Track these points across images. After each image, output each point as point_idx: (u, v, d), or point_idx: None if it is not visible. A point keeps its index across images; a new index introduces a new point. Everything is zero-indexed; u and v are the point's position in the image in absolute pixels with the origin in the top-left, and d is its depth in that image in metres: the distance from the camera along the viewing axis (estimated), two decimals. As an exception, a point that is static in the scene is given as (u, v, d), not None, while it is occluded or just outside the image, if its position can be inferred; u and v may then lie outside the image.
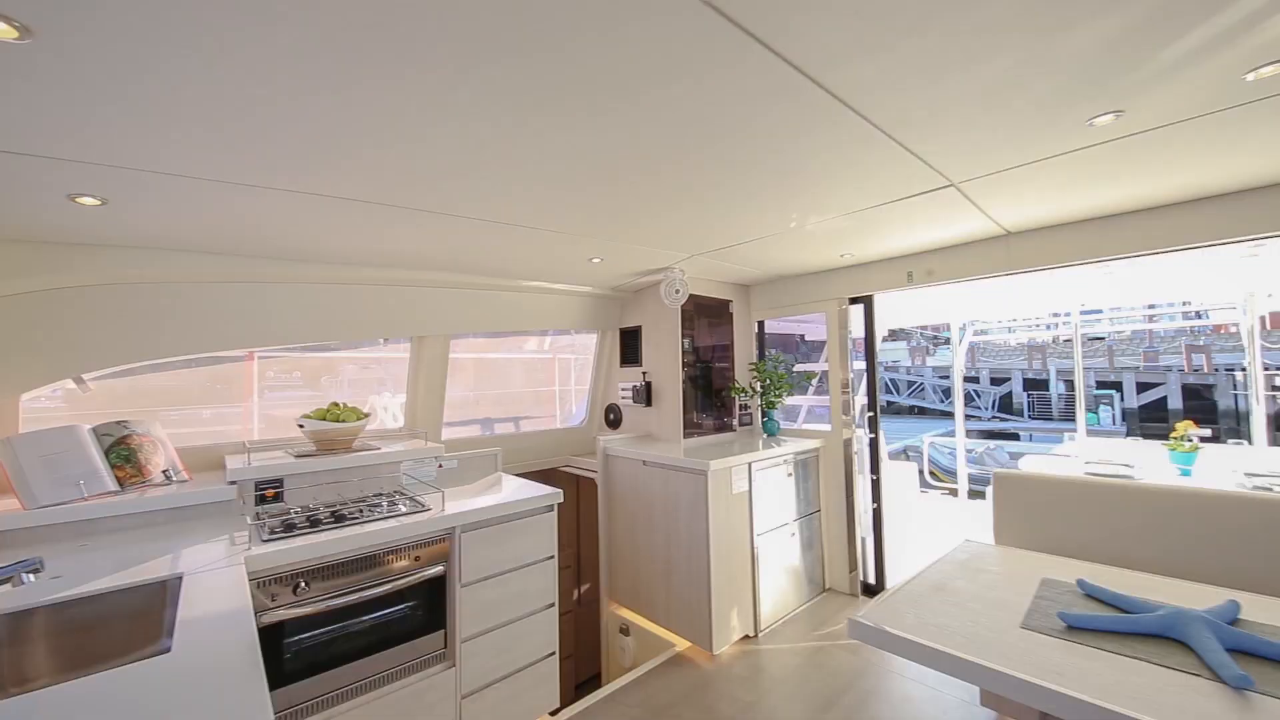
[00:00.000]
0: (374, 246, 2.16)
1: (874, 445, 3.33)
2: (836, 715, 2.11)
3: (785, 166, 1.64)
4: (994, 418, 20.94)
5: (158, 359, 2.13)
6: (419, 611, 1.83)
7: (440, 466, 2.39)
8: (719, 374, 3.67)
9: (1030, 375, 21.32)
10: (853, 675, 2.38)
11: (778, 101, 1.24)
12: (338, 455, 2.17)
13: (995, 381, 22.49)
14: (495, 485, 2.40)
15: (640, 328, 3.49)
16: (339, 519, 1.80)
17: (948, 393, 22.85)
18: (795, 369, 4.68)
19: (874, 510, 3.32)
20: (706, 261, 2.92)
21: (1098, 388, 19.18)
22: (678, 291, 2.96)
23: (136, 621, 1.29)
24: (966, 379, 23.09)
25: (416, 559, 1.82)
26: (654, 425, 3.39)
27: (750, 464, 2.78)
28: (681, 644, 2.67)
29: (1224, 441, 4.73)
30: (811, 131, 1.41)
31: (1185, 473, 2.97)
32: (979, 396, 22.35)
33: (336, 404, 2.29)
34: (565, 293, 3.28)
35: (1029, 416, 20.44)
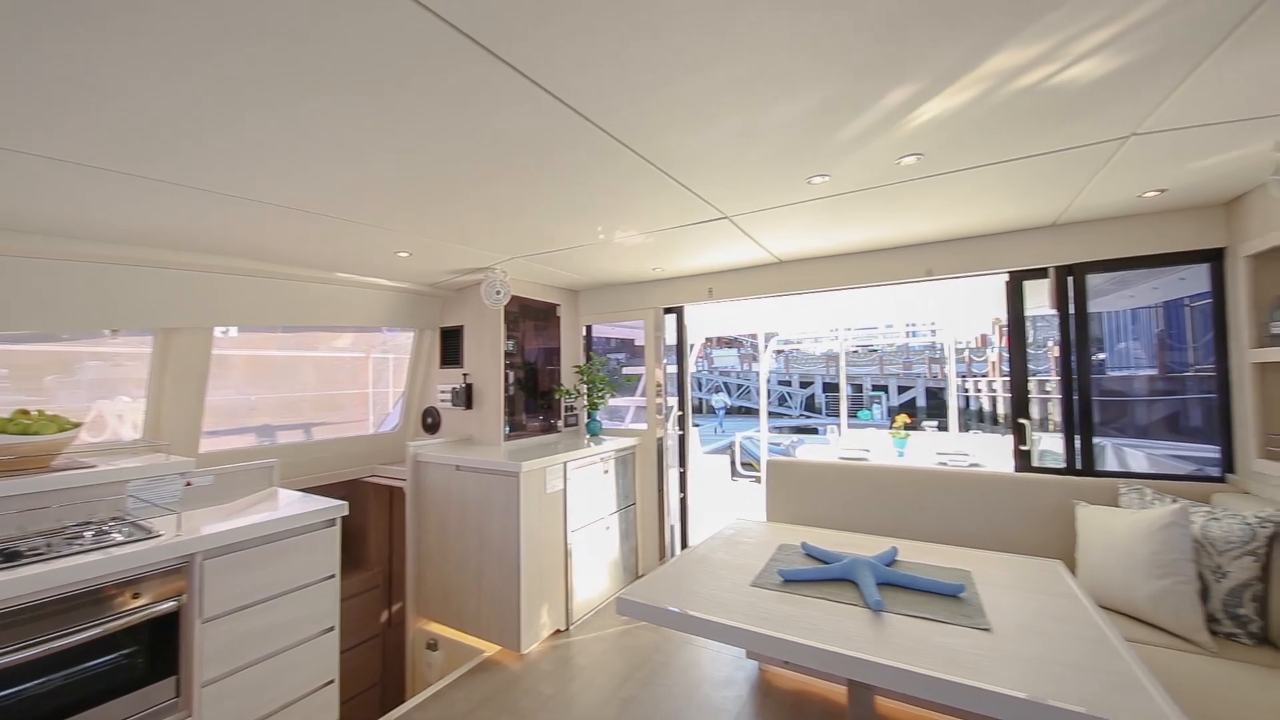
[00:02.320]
0: (129, 223, 1.74)
1: (682, 442, 3.69)
2: (630, 689, 2.30)
3: (584, 189, 1.75)
4: (802, 415, 24.65)
5: None
6: (140, 658, 1.52)
7: (189, 484, 2.02)
8: (546, 376, 3.72)
9: (828, 380, 25.58)
10: (651, 651, 2.61)
11: (563, 135, 1.33)
12: (26, 477, 1.69)
13: (803, 385, 26.59)
14: (266, 502, 2.11)
15: (462, 328, 3.37)
16: (9, 558, 1.41)
17: (768, 394, 26.18)
18: (624, 371, 4.95)
19: (681, 500, 3.67)
20: (529, 264, 2.95)
21: (873, 389, 23.87)
22: (499, 292, 2.93)
23: None
24: (782, 382, 26.87)
25: (136, 596, 1.51)
26: (474, 428, 3.30)
27: (566, 463, 2.87)
28: (491, 648, 2.64)
29: (946, 430, 6.27)
30: (602, 164, 1.55)
31: (900, 454, 3.88)
32: (791, 398, 26.15)
33: (25, 411, 1.79)
34: (377, 287, 3.02)
35: (826, 414, 24.43)
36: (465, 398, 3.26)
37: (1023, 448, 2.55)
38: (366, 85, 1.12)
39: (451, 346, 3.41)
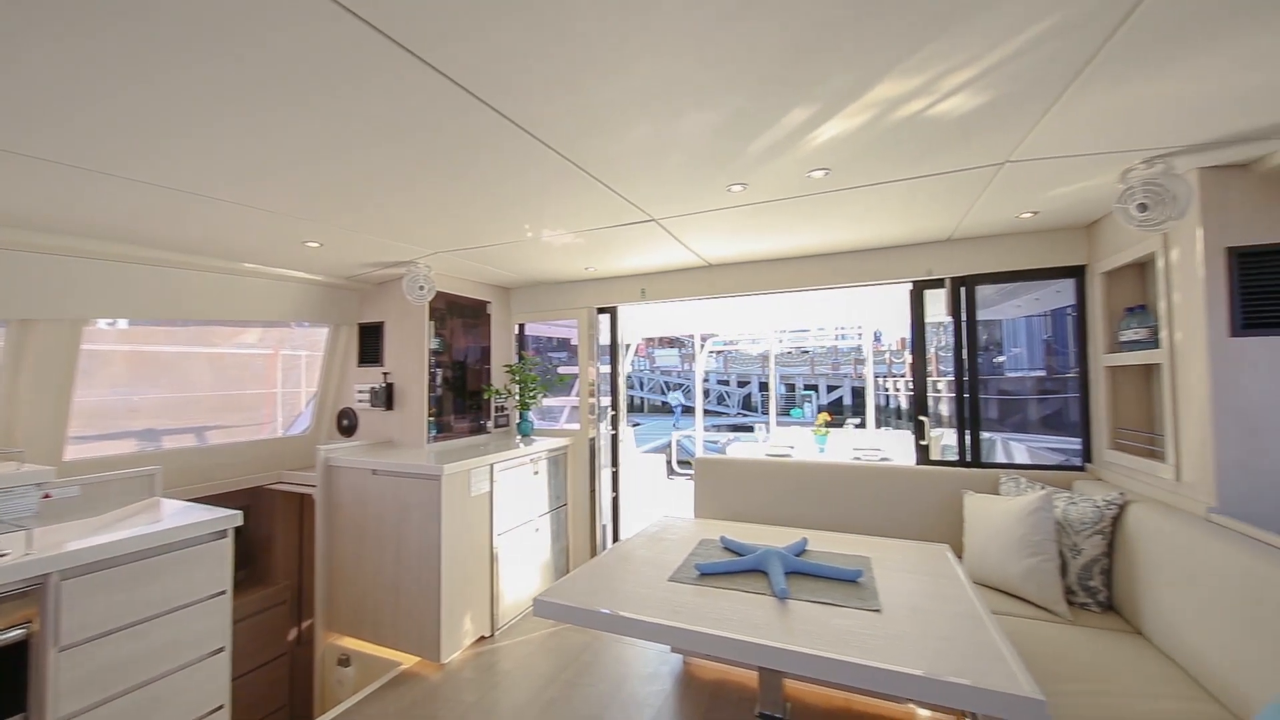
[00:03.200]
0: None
1: (615, 441, 3.71)
2: (554, 691, 2.28)
3: (506, 186, 1.72)
4: (739, 414, 25.49)
5: None
6: (-24, 698, 1.33)
7: (47, 497, 1.78)
8: (476, 376, 3.61)
9: (765, 379, 26.62)
10: (578, 651, 2.61)
11: (490, 137, 1.30)
12: None
13: (741, 384, 27.49)
14: (145, 514, 1.90)
15: (383, 324, 3.20)
16: None
17: (707, 394, 26.87)
18: (560, 371, 4.90)
19: (614, 499, 3.69)
20: (456, 260, 2.85)
21: (804, 389, 25.10)
22: (423, 288, 2.81)
23: None
24: (721, 382, 27.64)
25: (-30, 626, 1.32)
26: (396, 430, 3.14)
27: (493, 465, 2.81)
28: (408, 660, 2.53)
29: (865, 427, 6.70)
30: (521, 161, 1.51)
31: (821, 450, 4.11)
32: (729, 397, 26.95)
33: None
34: (286, 279, 2.81)
35: (761, 412, 25.41)
36: (385, 398, 3.11)
37: (922, 443, 2.78)
38: (269, 69, 1.04)
39: (371, 343, 3.23)
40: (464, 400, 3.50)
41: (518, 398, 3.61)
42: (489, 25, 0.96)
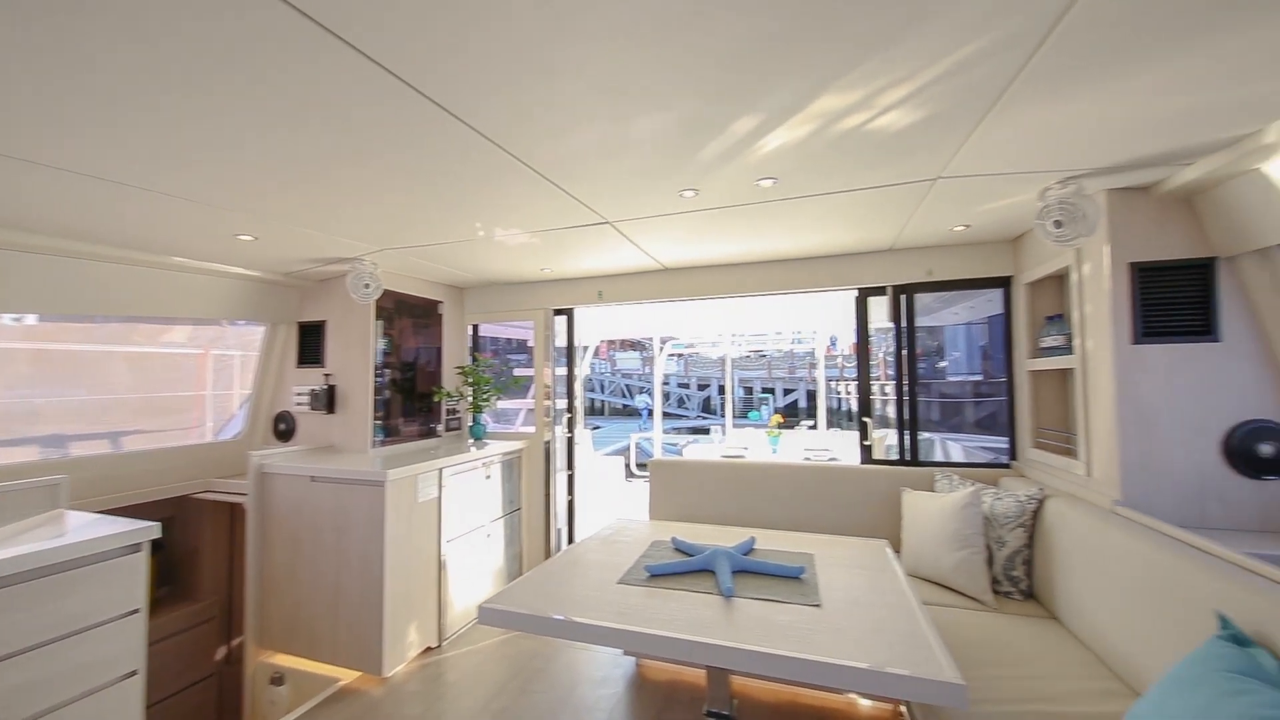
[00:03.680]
0: None
1: (570, 444, 3.68)
2: (504, 700, 2.23)
3: (450, 180, 1.67)
4: (699, 416, 25.82)
5: None
6: None
7: (-76, 510, 1.60)
8: (427, 377, 3.50)
9: (724, 382, 27.07)
10: (529, 658, 2.56)
11: (424, 126, 1.26)
12: None
13: (701, 387, 27.87)
14: (46, 527, 1.74)
15: (324, 323, 3.06)
16: None
17: (668, 396, 27.09)
18: (516, 373, 4.82)
19: (569, 502, 3.66)
20: (405, 258, 2.76)
21: (762, 391, 25.72)
22: (368, 286, 2.70)
23: None
24: (681, 384, 27.94)
25: None
26: (337, 435, 3.00)
27: (442, 470, 2.72)
28: (348, 675, 2.42)
29: (817, 429, 6.91)
30: (464, 157, 1.48)
31: (774, 451, 4.22)
32: (689, 399, 27.26)
33: None
34: (217, 274, 2.64)
35: (720, 414, 25.84)
36: (327, 401, 2.96)
37: (866, 443, 2.90)
38: (189, 52, 0.97)
39: (311, 343, 3.08)
40: (413, 403, 3.38)
41: (470, 400, 3.52)
42: (420, 13, 0.94)
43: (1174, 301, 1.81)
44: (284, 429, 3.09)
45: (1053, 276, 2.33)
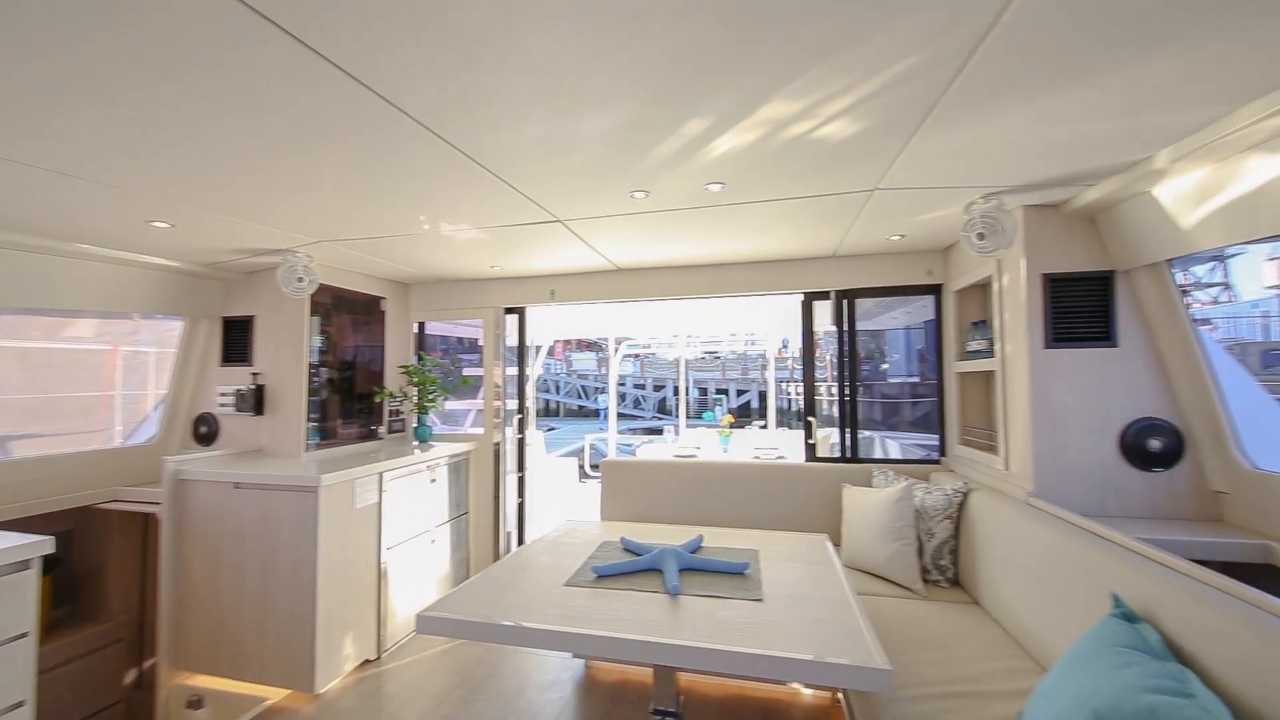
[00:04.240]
0: None
1: (521, 445, 3.61)
2: (447, 709, 2.16)
3: (388, 171, 1.60)
4: (654, 417, 26.00)
5: None
6: None
7: None
8: (368, 377, 3.35)
9: (678, 383, 27.39)
10: (474, 665, 2.49)
11: (370, 120, 1.20)
12: None
13: (657, 388, 28.08)
14: (-91, 545, 1.53)
15: (253, 318, 2.86)
16: None
17: (624, 398, 27.15)
18: (465, 373, 4.68)
19: (519, 505, 3.59)
20: (344, 251, 2.62)
21: (716, 392, 26.21)
22: (301, 280, 2.55)
23: None
24: (637, 385, 28.05)
25: None
26: (267, 438, 2.81)
27: (382, 474, 2.61)
28: (276, 694, 2.27)
29: (767, 428, 7.10)
30: (402, 148, 1.42)
31: (725, 450, 4.31)
32: (645, 400, 27.41)
33: None
34: (130, 263, 2.41)
35: (675, 415, 26.13)
36: (255, 402, 2.77)
37: (810, 441, 3.01)
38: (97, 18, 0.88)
39: (238, 340, 2.87)
40: (352, 404, 3.22)
41: (415, 401, 3.39)
42: (361, -1, 0.89)
43: (1080, 310, 1.98)
44: (205, 432, 2.87)
45: (978, 285, 2.50)
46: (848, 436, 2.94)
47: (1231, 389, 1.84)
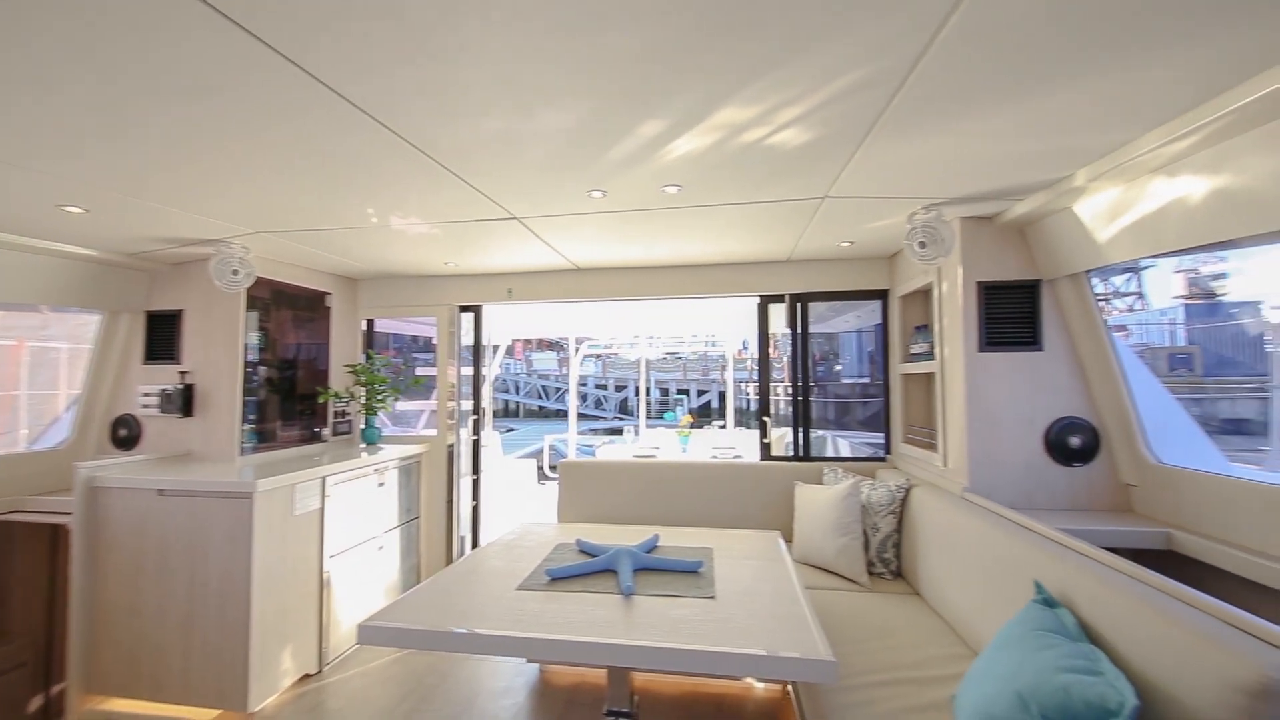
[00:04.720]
0: None
1: (476, 447, 3.53)
2: (393, 725, 2.08)
3: (328, 160, 1.52)
4: (616, 417, 25.99)
5: None
6: None
7: None
8: (312, 376, 3.18)
9: (640, 384, 27.48)
10: (424, 674, 2.40)
11: (311, 107, 1.13)
12: None
13: (619, 389, 28.06)
14: None
15: (181, 313, 2.66)
16: None
17: (585, 398, 26.97)
18: (418, 372, 4.53)
19: (474, 508, 3.50)
20: (284, 243, 2.48)
21: (677, 393, 26.47)
22: (236, 272, 2.39)
23: None
24: (599, 386, 27.94)
25: None
26: (196, 441, 2.63)
27: (325, 478, 2.48)
28: (205, 715, 2.12)
29: (726, 428, 7.21)
30: (345, 136, 1.35)
31: (684, 450, 4.35)
32: (606, 400, 27.34)
33: None
34: (34, 250, 2.20)
35: (636, 415, 26.23)
36: (182, 402, 2.58)
37: (765, 440, 3.08)
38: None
39: (163, 336, 2.67)
40: (293, 405, 3.05)
41: (363, 401, 3.25)
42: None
43: (1010, 316, 2.12)
44: (125, 435, 2.65)
45: (920, 291, 2.63)
46: (801, 436, 3.02)
47: (1141, 390, 2.01)
